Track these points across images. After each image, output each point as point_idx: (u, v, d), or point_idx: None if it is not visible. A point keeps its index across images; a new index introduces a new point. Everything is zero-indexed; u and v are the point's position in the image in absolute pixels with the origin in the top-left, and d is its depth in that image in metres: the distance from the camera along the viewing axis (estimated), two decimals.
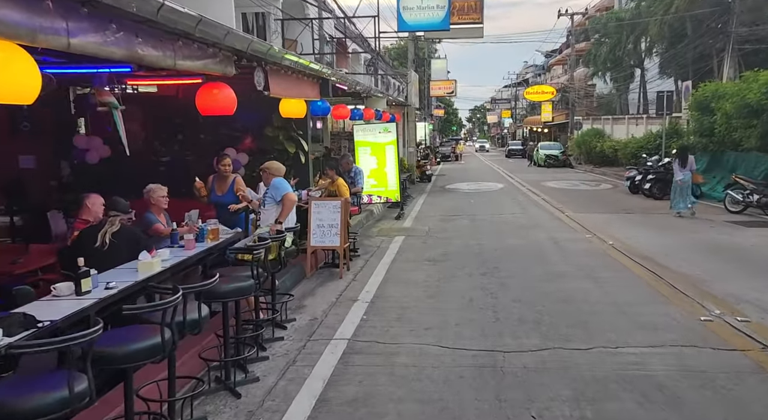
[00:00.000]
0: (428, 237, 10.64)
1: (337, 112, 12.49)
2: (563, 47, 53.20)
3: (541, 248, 9.27)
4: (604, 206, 14.75)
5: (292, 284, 7.16)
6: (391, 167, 13.44)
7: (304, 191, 9.22)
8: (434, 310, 6.02)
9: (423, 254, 9.05)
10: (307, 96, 8.85)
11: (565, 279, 7.20)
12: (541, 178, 24.19)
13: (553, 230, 11.01)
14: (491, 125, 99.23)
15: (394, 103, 21.10)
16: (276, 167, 5.98)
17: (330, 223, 7.78)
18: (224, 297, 4.04)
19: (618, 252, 8.75)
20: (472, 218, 13.03)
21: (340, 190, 8.42)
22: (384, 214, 13.98)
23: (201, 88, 5.91)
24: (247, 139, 10.11)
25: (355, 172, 9.91)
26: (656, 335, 5.04)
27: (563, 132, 42.55)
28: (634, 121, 27.90)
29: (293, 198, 5.72)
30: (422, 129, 38.55)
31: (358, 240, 10.20)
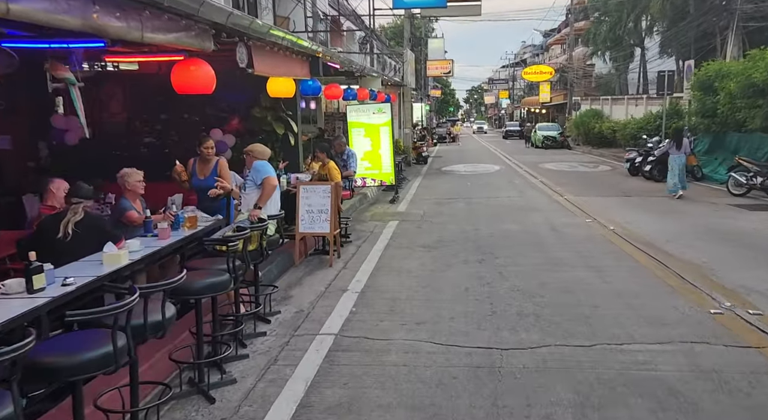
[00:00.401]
0: (423, 222, 10.29)
1: (330, 92, 12.06)
2: (562, 26, 52.40)
3: (539, 233, 8.94)
4: (604, 189, 14.41)
5: (278, 273, 6.82)
6: (385, 149, 13.03)
7: (293, 175, 8.85)
8: (428, 302, 5.69)
9: (417, 240, 8.71)
10: (295, 74, 8.42)
11: (565, 267, 6.87)
12: (539, 160, 23.81)
13: (551, 214, 10.67)
14: (488, 106, 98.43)
15: (389, 83, 20.59)
16: (260, 150, 5.59)
17: (319, 208, 7.41)
18: (196, 294, 3.67)
19: (619, 238, 8.42)
20: (468, 201, 12.68)
21: (331, 173, 8.04)
22: (378, 198, 13.61)
23: (177, 64, 5.50)
24: (234, 119, 9.69)
25: (348, 154, 9.52)
26: (664, 330, 4.72)
27: (561, 113, 42.06)
28: (634, 101, 27.44)
29: (273, 182, 5.33)
30: (419, 110, 37.95)
31: (351, 225, 9.84)
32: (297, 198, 7.49)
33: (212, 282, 3.72)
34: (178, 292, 3.51)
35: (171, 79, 5.46)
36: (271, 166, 5.51)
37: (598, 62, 38.43)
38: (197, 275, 3.80)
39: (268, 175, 5.30)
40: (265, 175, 5.29)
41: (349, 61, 11.69)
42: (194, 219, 5.06)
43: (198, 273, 3.88)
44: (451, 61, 36.09)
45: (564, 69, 40.22)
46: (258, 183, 5.29)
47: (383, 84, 19.70)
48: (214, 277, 3.78)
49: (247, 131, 9.58)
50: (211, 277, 3.76)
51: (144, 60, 8.27)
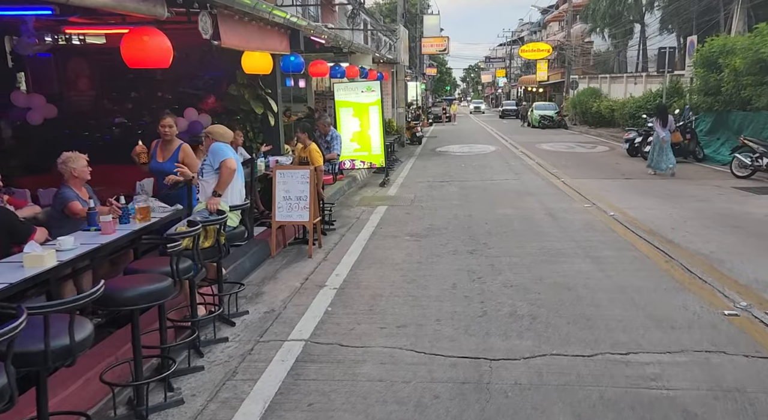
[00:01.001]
0: (413, 207, 9.73)
1: (315, 69, 11.37)
2: (560, 2, 51.26)
3: (536, 220, 8.39)
4: (602, 171, 13.85)
5: (252, 266, 6.27)
6: (375, 130, 12.40)
7: (273, 158, 8.25)
8: (412, 300, 5.16)
9: (405, 228, 8.16)
10: (273, 49, 7.76)
11: (563, 258, 6.34)
12: (536, 140, 23.19)
13: (548, 199, 10.12)
14: (485, 85, 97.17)
15: (382, 60, 19.83)
16: (220, 132, 4.97)
17: (297, 195, 6.83)
18: (127, 305, 3.11)
19: (620, 225, 7.88)
20: (462, 185, 12.11)
21: (311, 156, 7.44)
22: (368, 181, 13.02)
23: (127, 34, 4.86)
24: (211, 98, 9.05)
25: (332, 136, 8.91)
26: (674, 336, 4.20)
27: (558, 92, 41.26)
28: (633, 79, 26.74)
29: (231, 165, 4.71)
30: (414, 89, 37.11)
31: (336, 211, 9.30)
32: (273, 184, 6.91)
33: (148, 290, 3.15)
34: (105, 303, 2.96)
35: (120, 50, 4.82)
36: (230, 149, 4.87)
37: (596, 39, 37.55)
38: (132, 281, 3.24)
39: (225, 158, 4.68)
40: (223, 158, 4.68)
41: (336, 36, 11.00)
42: (146, 210, 4.49)
43: (134, 278, 3.32)
44: (447, 38, 35.10)
45: (562, 46, 39.32)
46: (216, 167, 4.69)
47: (375, 62, 18.96)
48: (152, 283, 3.22)
49: (224, 110, 8.95)
50: (147, 284, 3.19)
51: (110, 32, 7.61)
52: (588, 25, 35.90)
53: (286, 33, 8.18)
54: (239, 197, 4.90)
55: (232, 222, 4.70)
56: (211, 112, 8.99)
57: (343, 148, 12.47)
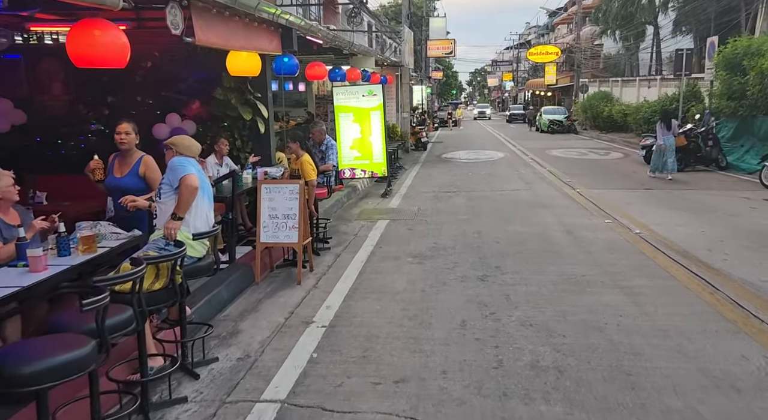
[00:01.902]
0: (417, 221, 8.92)
1: (312, 72, 10.60)
2: (569, 5, 50.49)
3: (552, 239, 7.57)
4: (620, 180, 12.99)
5: (231, 295, 5.47)
6: (376, 136, 11.61)
7: (261, 170, 7.47)
8: (413, 343, 4.35)
9: (408, 247, 7.35)
10: (262, 49, 6.99)
11: (588, 287, 5.52)
12: (546, 146, 22.34)
13: (564, 212, 9.29)
14: (492, 89, 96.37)
15: (385, 63, 19.07)
16: (185, 145, 4.17)
17: (285, 212, 6.04)
18: (27, 384, 2.29)
19: (649, 245, 7.05)
20: (469, 195, 11.30)
21: (303, 169, 6.66)
22: (369, 191, 12.23)
23: (73, 28, 4.08)
24: (195, 103, 8.27)
25: (328, 145, 8.12)
26: (743, 403, 3.36)
27: (567, 95, 40.40)
28: (646, 83, 25.84)
29: (193, 181, 3.87)
30: (419, 92, 36.36)
31: (333, 226, 8.51)
32: (258, 200, 6.12)
33: (58, 362, 2.34)
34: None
35: (66, 46, 4.05)
36: (193, 164, 4.03)
37: (607, 42, 36.66)
38: (38, 348, 2.44)
39: (184, 174, 3.85)
40: (183, 174, 3.85)
41: (335, 36, 10.23)
42: (91, 240, 3.69)
43: (42, 343, 2.52)
44: (453, 40, 34.34)
45: (571, 49, 38.48)
46: (176, 186, 3.87)
47: (379, 64, 18.21)
48: (66, 350, 2.42)
49: (210, 117, 8.19)
50: (59, 352, 2.39)
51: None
52: (598, 27, 35.02)
53: (276, 31, 7.41)
54: (205, 222, 4.09)
55: (195, 252, 3.91)
56: (196, 118, 8.23)
57: (342, 156, 11.73)
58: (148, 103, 8.27)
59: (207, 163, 7.37)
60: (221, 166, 7.56)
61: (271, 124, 8.15)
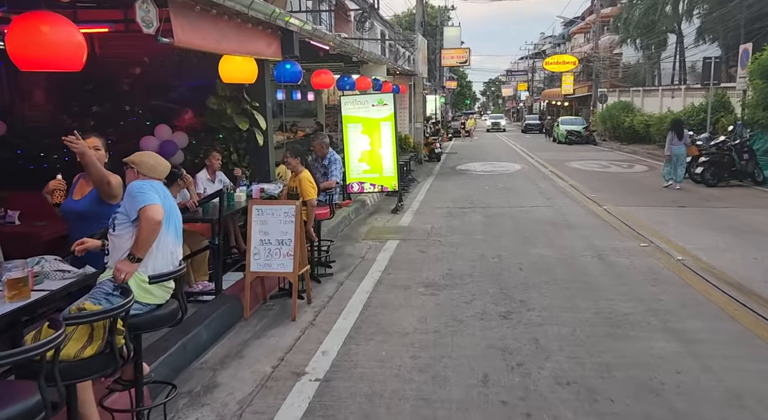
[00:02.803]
0: (430, 242, 8.12)
1: (318, 80, 9.91)
2: (586, 14, 49.66)
3: (583, 265, 6.73)
4: (649, 196, 12.08)
5: (213, 335, 4.70)
6: (387, 149, 10.85)
7: (257, 186, 6.74)
8: (424, 406, 3.54)
9: (419, 273, 6.55)
10: (258, 53, 6.28)
11: (634, 331, 4.68)
12: (564, 158, 21.45)
13: (593, 233, 8.43)
14: (506, 99, 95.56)
15: (398, 72, 18.37)
16: (150, 164, 3.39)
17: (279, 238, 5.28)
18: None
19: (696, 276, 6.18)
20: (486, 212, 10.48)
21: (302, 187, 5.90)
22: (379, 206, 11.47)
23: (15, 22, 3.38)
24: (188, 113, 7.60)
25: (330, 159, 7.37)
26: None
27: (585, 105, 39.47)
28: (670, 92, 24.88)
29: (156, 214, 3.06)
30: (433, 102, 35.66)
31: (338, 247, 7.78)
32: (248, 222, 5.37)
33: None
34: None
35: (6, 45, 3.35)
36: (158, 189, 3.25)
37: (626, 51, 35.71)
38: None
39: (146, 204, 3.05)
40: (143, 204, 3.08)
41: (342, 42, 9.52)
42: (21, 283, 2.94)
43: None
44: (468, 49, 33.63)
45: (589, 58, 37.58)
46: (133, 218, 3.12)
47: (391, 73, 17.51)
48: None
49: (204, 128, 7.50)
50: None
51: None
52: (618, 35, 34.10)
53: (275, 34, 6.71)
54: (169, 260, 3.29)
55: (152, 298, 3.14)
56: (189, 129, 7.55)
57: (350, 169, 10.99)
58: (137, 113, 7.62)
59: (197, 179, 6.66)
60: (214, 183, 6.85)
61: (270, 135, 7.43)
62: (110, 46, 7.14)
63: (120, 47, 7.16)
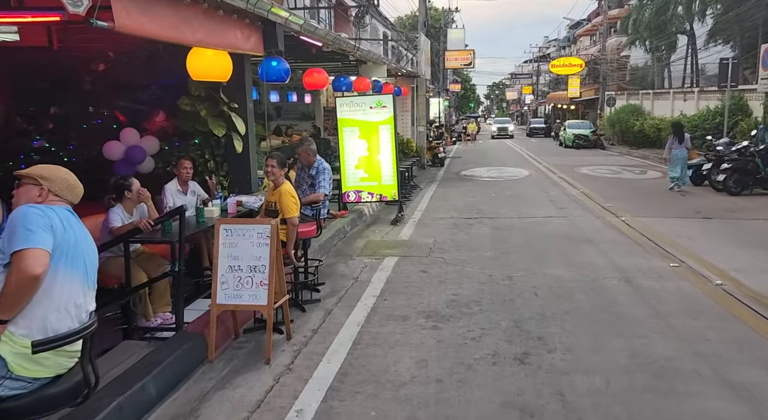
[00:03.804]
0: (432, 260, 7.27)
1: (310, 79, 9.08)
2: (592, 16, 48.85)
3: (607, 290, 5.86)
4: (669, 206, 11.19)
5: (165, 387, 3.83)
6: (386, 154, 10.02)
7: (234, 199, 5.91)
8: None
9: (420, 299, 5.70)
10: (233, 46, 5.45)
11: (681, 384, 3.79)
12: (573, 163, 20.58)
13: (614, 249, 7.56)
14: (510, 102, 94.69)
15: (400, 73, 17.55)
16: (69, 183, 2.49)
17: (251, 263, 4.44)
18: None
19: (742, 306, 5.30)
20: (494, 224, 9.62)
21: (281, 202, 5.07)
22: (378, 216, 10.62)
23: None
24: (159, 115, 6.79)
25: (319, 168, 6.52)
26: None
27: (591, 109, 38.60)
28: (682, 95, 23.99)
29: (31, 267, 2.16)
30: (436, 105, 34.85)
31: (330, 265, 6.95)
32: (215, 245, 4.53)
33: None
34: None
35: None
36: (57, 218, 2.35)
37: (635, 53, 34.80)
38: None
39: (23, 249, 2.16)
40: (18, 248, 2.18)
41: (336, 38, 8.69)
42: None
43: None
44: (472, 51, 32.85)
45: (596, 61, 36.72)
46: (5, 262, 2.21)
47: (393, 75, 16.69)
48: None
49: (175, 131, 6.69)
50: None
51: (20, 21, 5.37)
52: (628, 36, 33.19)
53: (255, 26, 5.89)
54: (71, 316, 2.37)
55: (42, 371, 2.28)
56: (160, 133, 6.73)
57: (347, 177, 10.14)
58: (102, 115, 6.80)
59: (166, 190, 5.84)
60: (186, 195, 6.01)
61: (251, 141, 6.60)
62: (70, 38, 6.33)
63: (81, 40, 6.34)
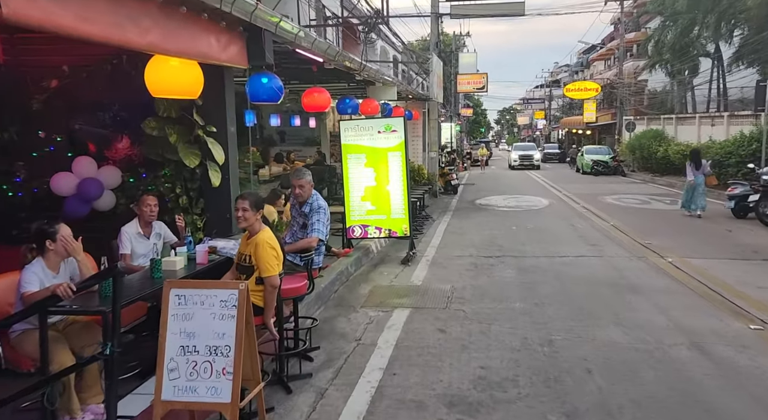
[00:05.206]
0: (451, 313, 6.02)
1: (309, 100, 8.00)
2: (606, 40, 48.06)
3: (679, 365, 4.57)
4: (716, 243, 9.86)
5: None
6: (396, 184, 8.85)
7: (206, 245, 4.74)
8: None
9: (439, 375, 4.44)
10: (204, 55, 4.34)
11: None
12: (595, 191, 19.31)
13: (671, 302, 6.27)
14: (522, 127, 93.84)
15: (410, 96, 16.51)
16: None
17: (211, 343, 3.22)
18: None
19: None
20: (519, 263, 8.37)
21: (258, 255, 3.86)
22: (386, 254, 9.39)
23: None
24: (122, 141, 5.67)
25: (314, 206, 5.32)
26: None
27: (608, 134, 37.42)
28: (709, 119, 22.72)
29: None
30: (448, 130, 33.83)
31: (329, 318, 5.73)
32: (162, 317, 3.32)
33: None
34: None
35: None
36: None
37: (652, 77, 33.69)
38: None
39: None
40: None
41: (339, 53, 7.59)
42: None
43: None
44: (485, 75, 31.91)
45: (612, 85, 35.67)
46: None
47: (403, 98, 15.65)
48: None
49: (142, 161, 5.56)
50: None
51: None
52: (644, 61, 32.15)
53: (236, 31, 4.79)
54: None
55: None
56: (124, 162, 5.60)
57: (352, 209, 8.96)
58: (55, 141, 5.69)
59: (123, 235, 4.69)
60: (149, 239, 4.86)
61: (231, 172, 5.42)
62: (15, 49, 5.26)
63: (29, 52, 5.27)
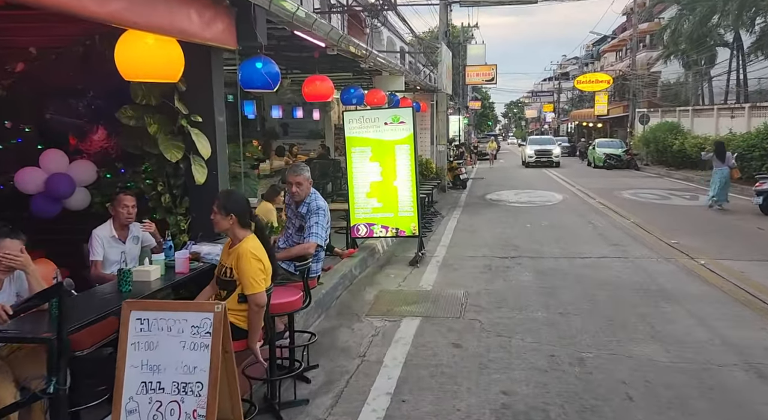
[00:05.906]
0: (466, 323, 5.40)
1: (310, 89, 7.37)
2: (618, 31, 47.11)
3: (734, 391, 3.93)
4: (748, 243, 9.18)
5: None
6: (404, 180, 8.22)
7: (183, 253, 4.12)
8: None
9: (455, 401, 3.83)
10: (183, 32, 3.70)
11: None
12: (610, 185, 18.60)
13: (712, 313, 5.61)
14: (530, 120, 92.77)
15: (419, 87, 15.84)
16: None
17: (179, 379, 2.62)
18: None
19: None
20: (537, 265, 7.74)
21: (240, 268, 3.24)
22: (393, 254, 8.79)
23: None
24: (98, 132, 5.07)
25: (311, 207, 4.68)
26: None
27: (620, 126, 36.56)
28: (728, 111, 21.90)
29: None
30: (456, 123, 33.11)
31: (329, 329, 5.14)
32: (119, 346, 2.72)
33: None
34: None
35: None
36: None
37: (666, 68, 32.77)
38: None
39: None
40: None
41: (343, 36, 6.95)
42: None
43: None
44: (495, 66, 31.14)
45: (625, 76, 34.80)
46: None
47: (411, 89, 14.98)
48: None
49: (120, 155, 4.96)
50: None
51: None
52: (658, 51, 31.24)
53: (221, 5, 4.17)
54: None
55: None
56: (100, 156, 5.01)
57: (356, 207, 8.34)
58: (22, 132, 5.09)
59: (94, 239, 4.12)
60: (125, 244, 4.28)
61: (220, 167, 4.81)
62: None
63: None
